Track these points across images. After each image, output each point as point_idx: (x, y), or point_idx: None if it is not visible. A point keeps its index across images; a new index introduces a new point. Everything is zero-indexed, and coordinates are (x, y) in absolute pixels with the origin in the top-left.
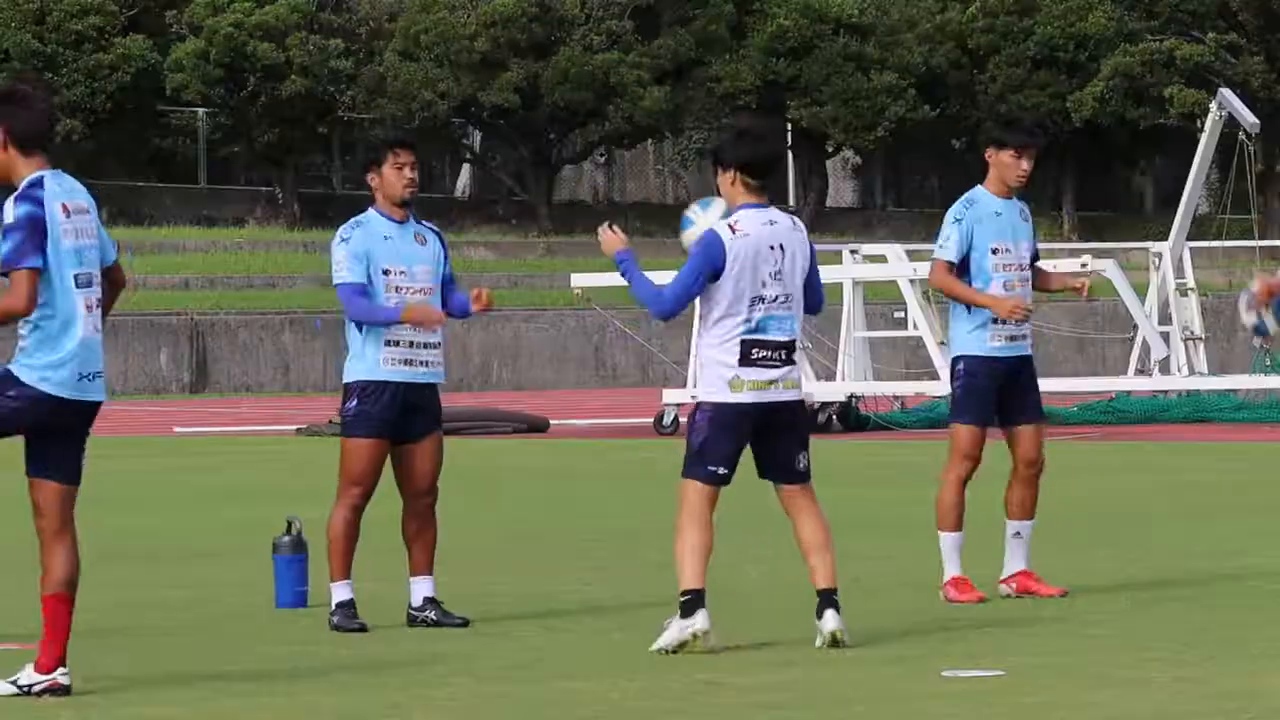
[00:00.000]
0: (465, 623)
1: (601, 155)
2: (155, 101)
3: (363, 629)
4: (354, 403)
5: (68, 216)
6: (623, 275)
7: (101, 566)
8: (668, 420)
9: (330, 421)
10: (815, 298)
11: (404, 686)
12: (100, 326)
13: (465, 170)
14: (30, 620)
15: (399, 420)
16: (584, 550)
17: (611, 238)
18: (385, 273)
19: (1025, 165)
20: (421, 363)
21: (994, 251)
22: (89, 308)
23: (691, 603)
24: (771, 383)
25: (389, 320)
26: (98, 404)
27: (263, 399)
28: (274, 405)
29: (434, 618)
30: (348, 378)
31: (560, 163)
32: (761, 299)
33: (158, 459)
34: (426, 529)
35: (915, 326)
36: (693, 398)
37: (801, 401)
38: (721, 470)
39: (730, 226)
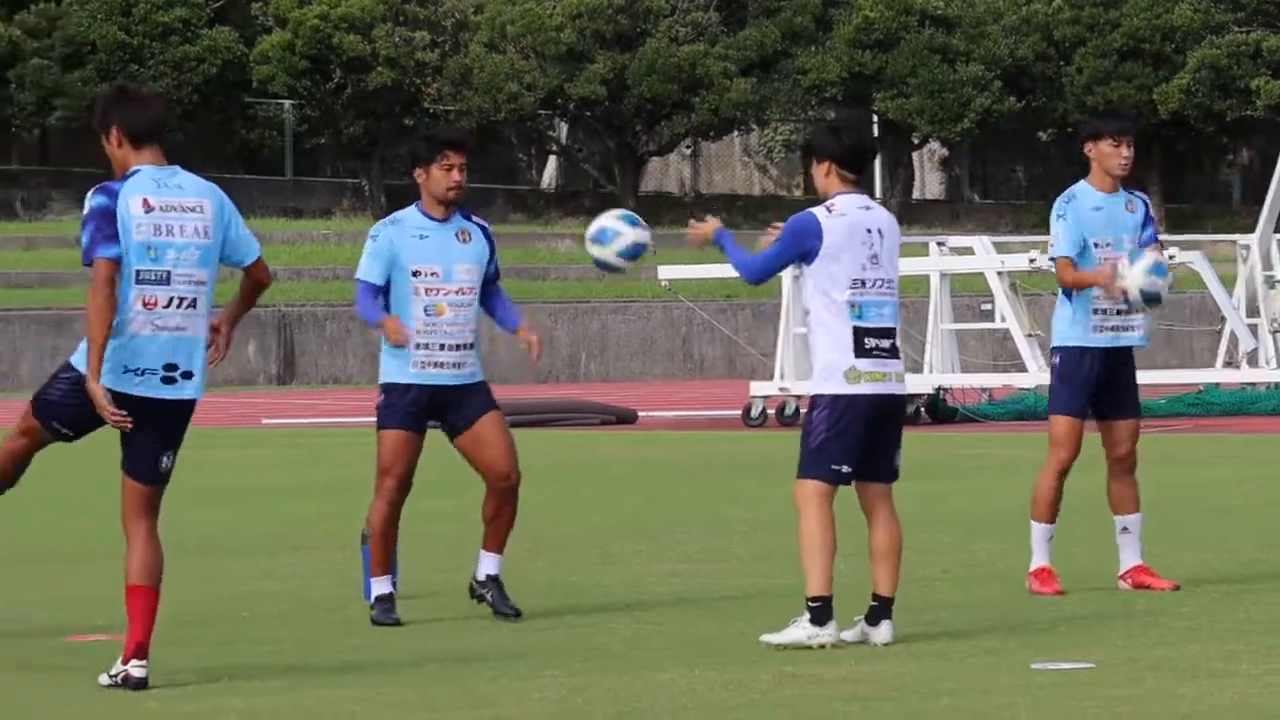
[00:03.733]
0: (517, 614)
1: (688, 147)
2: (241, 94)
3: (397, 624)
4: (382, 397)
5: (147, 211)
6: (721, 248)
7: (190, 559)
8: (755, 412)
9: None
10: None
11: (493, 678)
12: (180, 325)
13: (551, 162)
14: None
15: (433, 416)
16: (672, 542)
17: (702, 227)
18: (415, 274)
19: (1126, 152)
20: (452, 365)
21: (1095, 246)
22: (149, 305)
23: (821, 610)
24: (886, 375)
25: (373, 322)
26: (155, 400)
27: (350, 391)
28: (361, 397)
29: (490, 599)
30: (381, 378)
31: (646, 154)
32: (862, 282)
33: (246, 450)
34: (504, 509)
35: (1002, 318)
36: (781, 390)
37: (905, 397)
38: (845, 468)
39: (826, 208)
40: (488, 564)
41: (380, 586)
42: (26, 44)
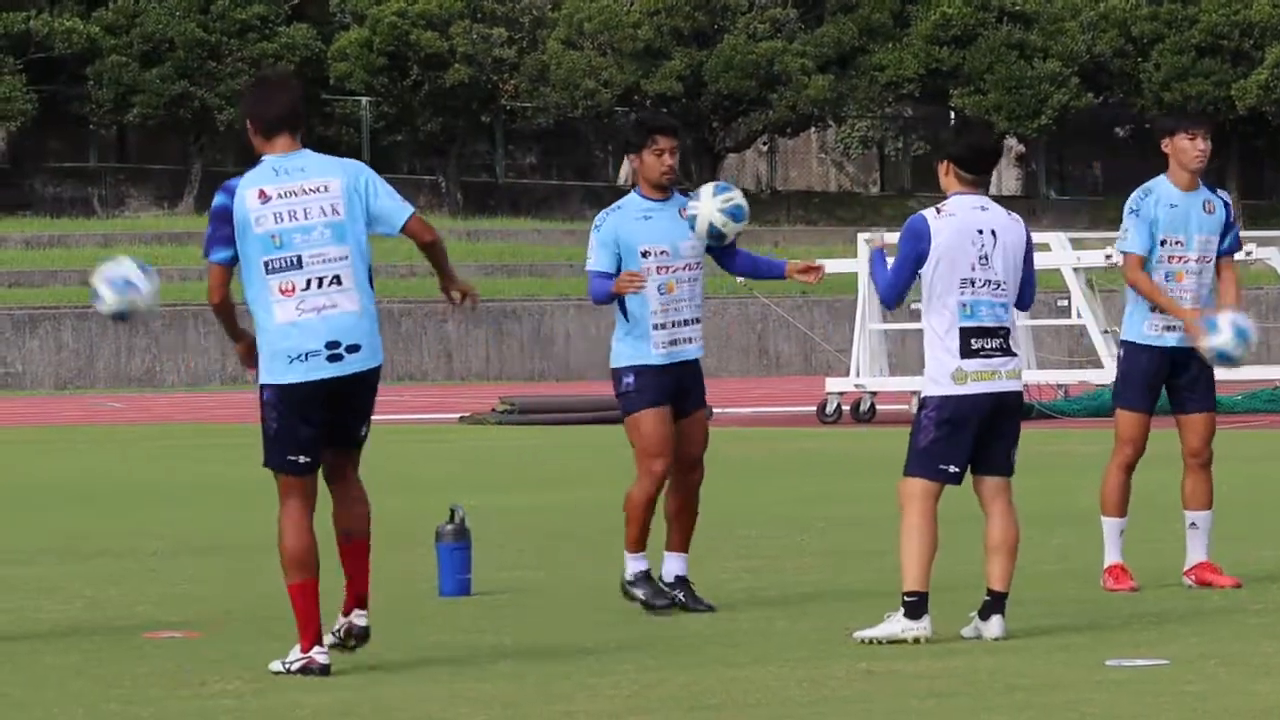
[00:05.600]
0: (712, 609)
1: (764, 143)
2: (319, 90)
3: (672, 605)
4: (631, 379)
5: (264, 202)
6: (871, 261)
7: (264, 555)
8: (830, 409)
9: (494, 409)
10: (1026, 294)
11: (567, 674)
12: (329, 303)
13: (627, 159)
14: (190, 609)
15: (674, 395)
16: (748, 539)
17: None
18: (644, 254)
19: (1202, 145)
20: (686, 340)
21: (1162, 243)
22: (285, 291)
23: (916, 605)
24: (995, 373)
25: (606, 295)
26: (329, 380)
27: (425, 388)
28: (436, 394)
29: (682, 599)
30: (617, 362)
31: (723, 151)
32: (971, 282)
33: None
34: (687, 508)
35: (1078, 314)
36: (856, 386)
37: (1021, 393)
38: (954, 468)
39: (936, 209)
40: (674, 564)
41: (637, 564)
42: (105, 41)
